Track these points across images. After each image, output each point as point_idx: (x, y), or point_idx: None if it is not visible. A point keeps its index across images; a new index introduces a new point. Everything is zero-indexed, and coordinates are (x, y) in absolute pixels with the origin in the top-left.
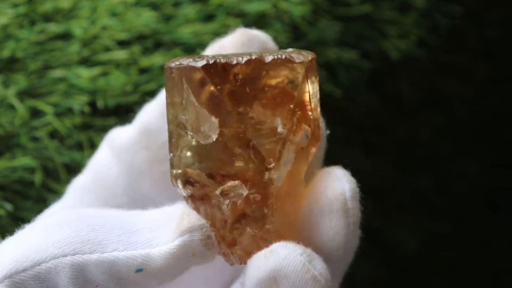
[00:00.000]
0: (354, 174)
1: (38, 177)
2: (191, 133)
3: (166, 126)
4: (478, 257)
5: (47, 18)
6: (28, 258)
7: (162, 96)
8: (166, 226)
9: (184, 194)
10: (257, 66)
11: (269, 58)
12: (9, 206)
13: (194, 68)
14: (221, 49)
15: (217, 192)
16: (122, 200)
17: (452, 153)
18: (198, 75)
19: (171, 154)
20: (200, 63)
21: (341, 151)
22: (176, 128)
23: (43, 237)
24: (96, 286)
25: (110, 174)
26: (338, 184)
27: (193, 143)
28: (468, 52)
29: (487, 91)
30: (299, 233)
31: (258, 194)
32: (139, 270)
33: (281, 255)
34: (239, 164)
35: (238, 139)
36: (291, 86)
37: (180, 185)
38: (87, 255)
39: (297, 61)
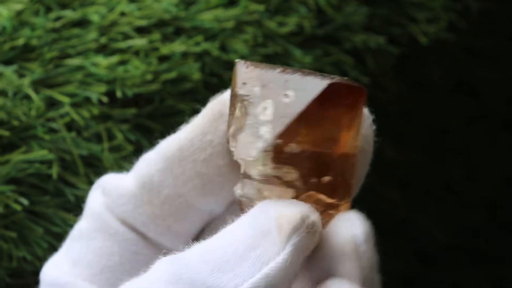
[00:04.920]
0: (382, 163)
1: (55, 170)
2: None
3: (167, 180)
4: (510, 248)
5: (63, 4)
6: None
7: (162, 147)
8: (267, 240)
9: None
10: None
11: None
12: (25, 201)
13: None
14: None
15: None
16: (129, 250)
17: (483, 141)
18: None
19: None
20: None
21: None
22: None
23: None
24: None
25: (109, 227)
26: (349, 227)
27: None
28: (499, 36)
29: None
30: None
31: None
32: None
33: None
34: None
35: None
36: None
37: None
38: None
39: None
